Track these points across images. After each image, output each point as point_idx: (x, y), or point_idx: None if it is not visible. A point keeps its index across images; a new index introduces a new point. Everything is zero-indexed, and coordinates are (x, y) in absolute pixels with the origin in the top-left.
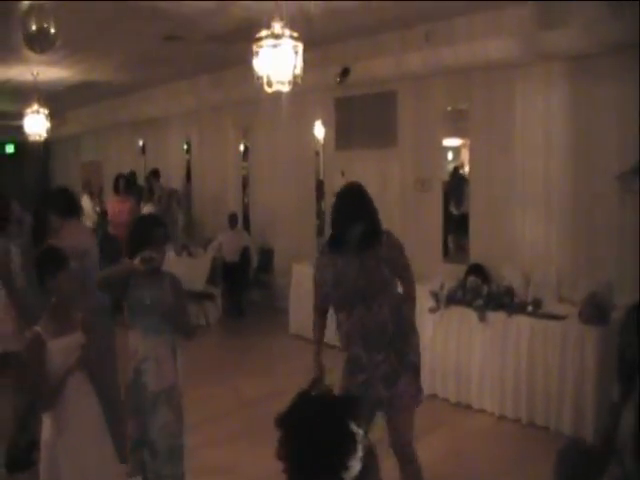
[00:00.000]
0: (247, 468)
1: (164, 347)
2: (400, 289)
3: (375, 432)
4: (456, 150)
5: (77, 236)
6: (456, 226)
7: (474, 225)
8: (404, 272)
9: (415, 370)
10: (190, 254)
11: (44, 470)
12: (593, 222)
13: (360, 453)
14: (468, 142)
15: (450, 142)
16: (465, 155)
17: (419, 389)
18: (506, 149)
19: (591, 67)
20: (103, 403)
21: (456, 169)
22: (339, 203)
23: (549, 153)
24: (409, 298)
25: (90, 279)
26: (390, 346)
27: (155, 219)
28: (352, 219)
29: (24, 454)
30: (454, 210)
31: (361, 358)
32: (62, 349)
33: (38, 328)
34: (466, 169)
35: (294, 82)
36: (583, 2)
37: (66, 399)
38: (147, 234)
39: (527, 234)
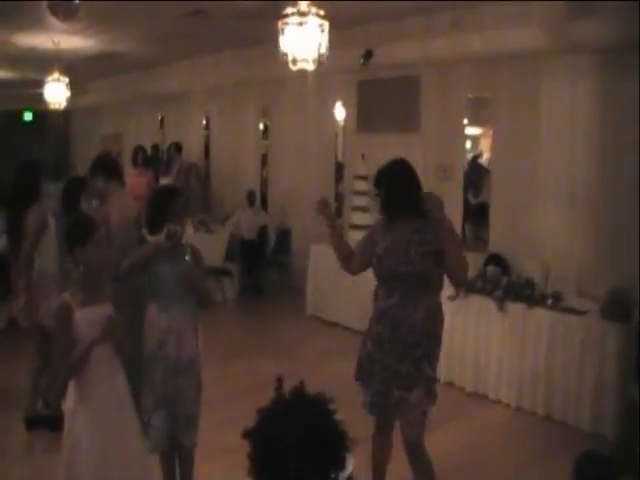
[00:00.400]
0: None
1: (186, 318)
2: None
3: None
4: (474, 139)
5: (123, 202)
6: (473, 215)
7: (494, 215)
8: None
9: (428, 385)
10: (208, 230)
11: (65, 437)
12: (617, 216)
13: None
14: (488, 131)
15: (469, 131)
16: (484, 144)
17: (430, 401)
18: (530, 140)
19: (618, 61)
20: (129, 376)
21: (475, 158)
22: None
23: (573, 146)
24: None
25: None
26: (410, 350)
27: (175, 190)
28: (407, 195)
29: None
30: (472, 199)
31: (384, 340)
32: (90, 319)
33: (66, 296)
34: (485, 158)
35: (319, 61)
36: None
37: (91, 369)
38: (168, 206)
39: (549, 226)
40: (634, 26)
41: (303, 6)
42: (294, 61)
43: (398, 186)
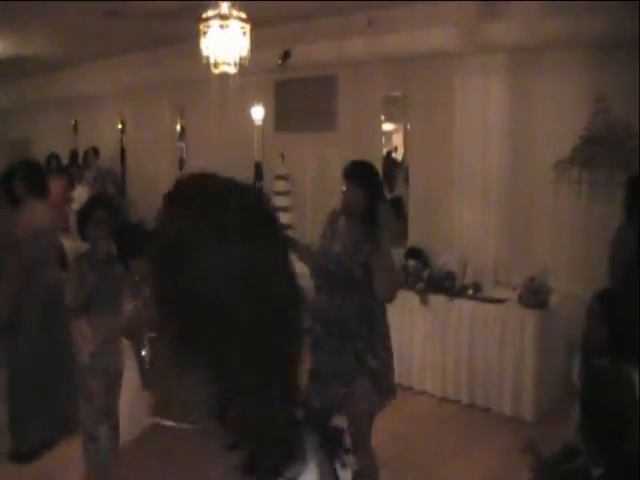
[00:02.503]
0: None
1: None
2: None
3: None
4: (387, 134)
5: (34, 210)
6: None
7: (412, 209)
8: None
9: (374, 376)
10: None
11: None
12: (530, 209)
13: None
14: (401, 127)
15: (383, 127)
16: (397, 140)
17: (380, 397)
18: (444, 136)
19: (530, 61)
20: None
21: (389, 153)
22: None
23: (487, 142)
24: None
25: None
26: (350, 343)
27: (99, 201)
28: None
29: None
30: (387, 194)
31: (321, 340)
32: None
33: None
34: (399, 153)
35: (240, 64)
36: None
37: None
38: (95, 215)
39: (465, 219)
40: (550, 26)
41: (224, 9)
42: (216, 64)
43: (364, 189)
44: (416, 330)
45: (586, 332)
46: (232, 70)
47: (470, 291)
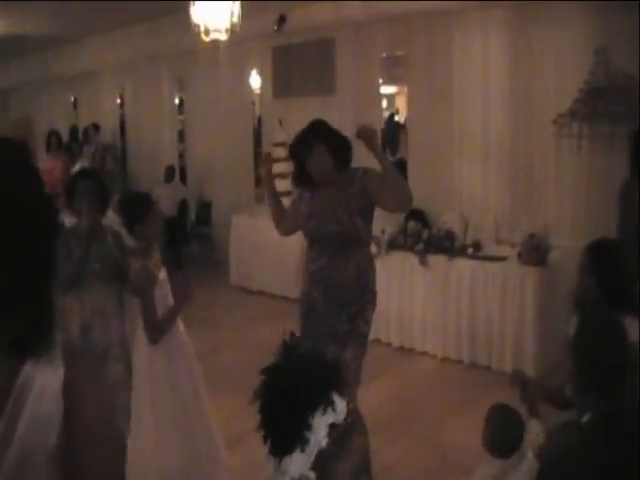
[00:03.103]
0: None
1: (111, 302)
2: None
3: None
4: (390, 97)
5: None
6: None
7: (413, 171)
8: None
9: (362, 340)
10: None
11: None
12: (531, 166)
13: (330, 419)
14: (403, 89)
15: (385, 90)
16: (400, 102)
17: (363, 355)
18: (444, 96)
19: (529, 13)
20: None
21: (391, 116)
22: (298, 138)
23: (487, 99)
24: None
25: None
26: (345, 309)
27: (86, 174)
28: (314, 153)
29: None
30: (390, 156)
31: (317, 304)
32: (160, 282)
33: (145, 262)
34: (402, 116)
35: (232, 30)
36: None
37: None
38: (80, 188)
39: (465, 179)
40: None
41: None
42: (206, 32)
43: (306, 147)
44: (416, 291)
45: (577, 284)
46: (223, 37)
47: (470, 250)
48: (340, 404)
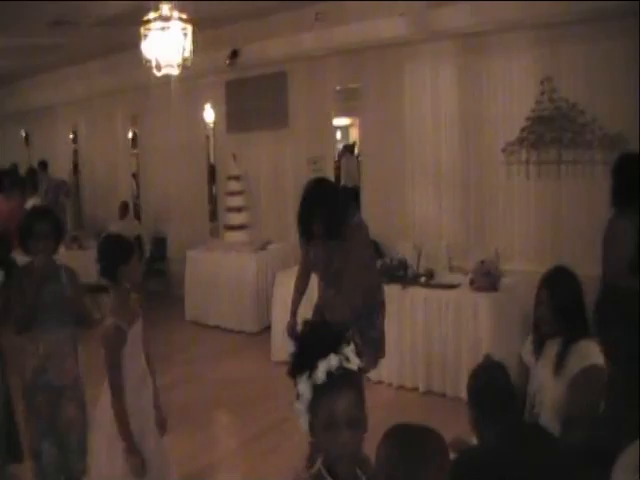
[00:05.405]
0: None
1: (65, 342)
2: None
3: None
4: (344, 129)
5: None
6: None
7: (365, 200)
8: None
9: (375, 346)
10: (81, 246)
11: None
12: (481, 194)
13: (333, 362)
14: (356, 120)
15: (338, 122)
16: (353, 133)
17: (375, 359)
18: (396, 126)
19: (477, 44)
20: None
21: (345, 147)
22: (301, 199)
23: (438, 129)
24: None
25: None
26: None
27: (40, 214)
28: (311, 215)
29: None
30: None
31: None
32: (132, 336)
33: (117, 321)
34: (358, 147)
35: (183, 65)
36: None
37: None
38: (36, 226)
39: (418, 208)
40: (497, 8)
41: (165, 11)
42: (158, 67)
43: (306, 210)
44: None
45: (535, 316)
46: (175, 72)
47: (423, 279)
48: (354, 360)
